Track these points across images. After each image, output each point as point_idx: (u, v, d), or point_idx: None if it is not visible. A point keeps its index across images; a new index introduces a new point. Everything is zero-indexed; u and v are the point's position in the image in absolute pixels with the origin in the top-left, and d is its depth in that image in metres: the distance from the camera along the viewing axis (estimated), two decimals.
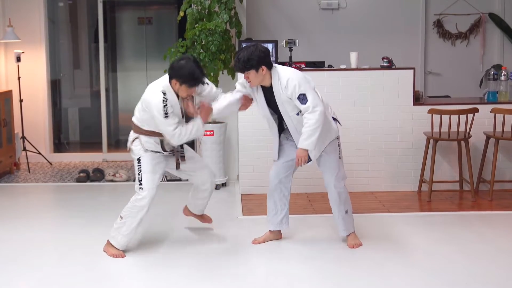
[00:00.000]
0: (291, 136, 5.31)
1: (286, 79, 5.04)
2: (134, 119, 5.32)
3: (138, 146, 5.22)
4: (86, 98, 10.70)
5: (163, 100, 4.97)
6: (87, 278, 4.74)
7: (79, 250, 5.39)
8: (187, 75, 4.97)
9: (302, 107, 5.04)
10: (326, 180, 5.40)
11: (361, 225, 6.05)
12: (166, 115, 4.96)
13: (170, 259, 5.16)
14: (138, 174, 5.18)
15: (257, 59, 5.02)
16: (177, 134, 5.02)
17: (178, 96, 5.09)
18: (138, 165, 5.18)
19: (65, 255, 5.30)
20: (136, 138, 5.25)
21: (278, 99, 5.13)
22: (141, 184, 5.15)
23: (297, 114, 5.12)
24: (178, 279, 4.74)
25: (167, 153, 5.29)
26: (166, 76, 5.12)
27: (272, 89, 5.14)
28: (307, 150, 5.10)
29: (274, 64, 5.19)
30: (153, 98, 5.03)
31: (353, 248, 5.38)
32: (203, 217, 5.91)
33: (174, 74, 5.01)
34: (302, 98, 5.02)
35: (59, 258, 5.24)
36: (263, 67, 5.04)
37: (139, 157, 5.19)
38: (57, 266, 5.04)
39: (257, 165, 7.35)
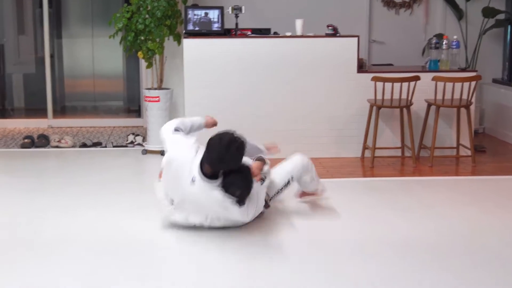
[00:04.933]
0: None
1: None
2: None
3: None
4: (31, 64, 10.54)
5: None
6: (31, 246, 4.71)
7: (22, 217, 5.35)
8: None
9: None
10: None
11: None
12: None
13: None
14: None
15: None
16: None
17: None
18: None
19: (7, 223, 5.26)
20: None
21: None
22: None
23: None
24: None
25: None
26: None
27: None
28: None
29: None
30: None
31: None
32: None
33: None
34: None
35: (2, 226, 5.21)
36: None
37: None
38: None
39: (204, 132, 7.37)
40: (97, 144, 8.19)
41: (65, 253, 4.51)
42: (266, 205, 5.21)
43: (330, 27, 7.52)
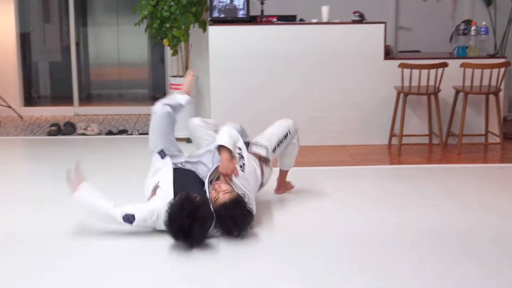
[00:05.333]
0: None
1: None
2: None
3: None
4: (57, 52, 10.59)
5: None
6: (57, 231, 4.73)
7: (49, 202, 5.38)
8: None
9: None
10: None
11: (332, 178, 6.14)
12: None
13: None
14: None
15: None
16: None
17: None
18: None
19: (35, 208, 5.30)
20: None
21: None
22: None
23: None
24: None
25: None
26: None
27: None
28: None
29: None
30: None
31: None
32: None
33: None
34: None
35: (29, 211, 5.24)
36: None
37: None
38: (26, 219, 5.02)
39: (229, 119, 7.34)
40: (123, 132, 8.21)
41: (96, 240, 4.52)
42: (266, 160, 5.10)
43: (356, 14, 7.45)
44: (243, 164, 4.78)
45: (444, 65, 6.96)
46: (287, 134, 5.26)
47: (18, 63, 9.50)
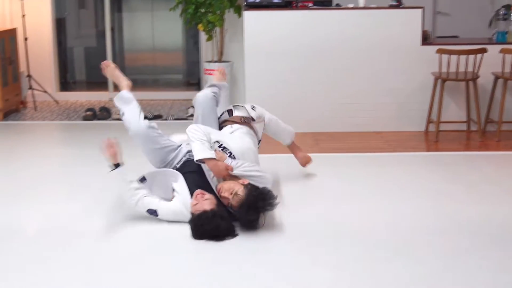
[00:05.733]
0: None
1: None
2: None
3: None
4: (92, 37, 10.62)
5: None
6: (93, 213, 4.76)
7: (85, 186, 5.41)
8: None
9: None
10: None
11: (366, 164, 6.09)
12: None
13: None
14: None
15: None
16: None
17: None
18: None
19: (71, 191, 5.33)
20: None
21: None
22: None
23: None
24: None
25: None
26: None
27: None
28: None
29: None
30: None
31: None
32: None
33: None
34: None
35: (66, 194, 5.28)
36: None
37: None
38: (63, 202, 5.06)
39: (264, 104, 7.31)
40: (157, 117, 8.21)
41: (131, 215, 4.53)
42: (251, 119, 5.11)
43: None
44: (230, 153, 4.70)
45: (483, 50, 6.84)
46: (253, 106, 5.31)
47: (53, 48, 9.57)
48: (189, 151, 4.78)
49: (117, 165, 4.46)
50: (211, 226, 4.14)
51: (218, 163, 4.50)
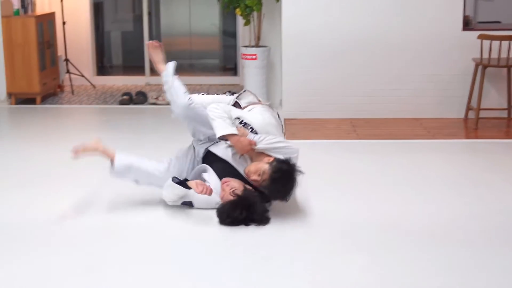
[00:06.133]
0: None
1: None
2: None
3: None
4: (129, 22, 10.64)
5: None
6: (129, 194, 4.75)
7: None
8: None
9: None
10: None
11: (405, 151, 6.01)
12: None
13: None
14: None
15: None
16: None
17: None
18: None
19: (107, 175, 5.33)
20: None
21: None
22: None
23: None
24: None
25: None
26: None
27: None
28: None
29: None
30: None
31: None
32: None
33: None
34: None
35: (102, 177, 5.27)
36: None
37: None
38: (99, 185, 5.07)
39: (301, 90, 7.27)
40: None
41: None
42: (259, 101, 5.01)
43: None
44: (252, 128, 4.60)
45: None
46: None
47: (91, 32, 9.61)
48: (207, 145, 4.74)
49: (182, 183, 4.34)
50: (235, 213, 4.15)
51: (241, 138, 4.44)
